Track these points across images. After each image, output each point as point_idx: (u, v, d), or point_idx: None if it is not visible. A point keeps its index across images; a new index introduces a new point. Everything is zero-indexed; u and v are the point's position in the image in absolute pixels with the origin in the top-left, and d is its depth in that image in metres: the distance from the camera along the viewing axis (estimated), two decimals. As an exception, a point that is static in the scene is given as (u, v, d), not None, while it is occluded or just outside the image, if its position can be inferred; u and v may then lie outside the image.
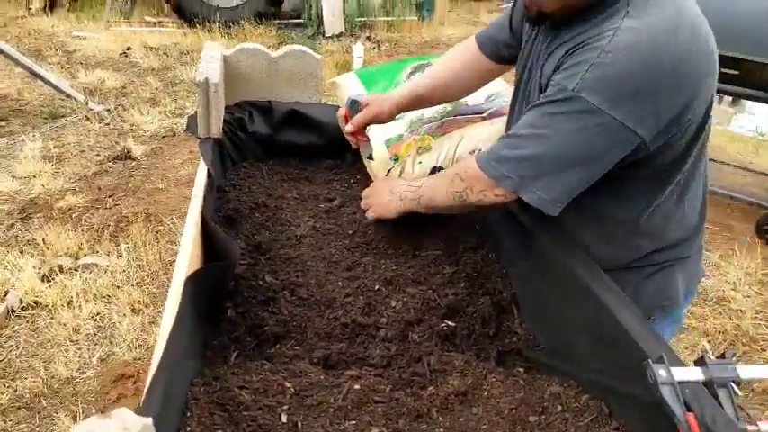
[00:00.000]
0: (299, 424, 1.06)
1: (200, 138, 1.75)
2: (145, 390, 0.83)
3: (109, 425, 0.55)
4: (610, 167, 1.19)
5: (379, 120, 1.68)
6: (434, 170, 1.65)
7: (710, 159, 1.53)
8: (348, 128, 1.71)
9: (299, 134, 1.99)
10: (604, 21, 1.16)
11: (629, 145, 1.15)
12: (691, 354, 2.81)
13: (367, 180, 1.88)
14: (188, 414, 1.01)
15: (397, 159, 1.68)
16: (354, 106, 1.70)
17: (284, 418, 1.07)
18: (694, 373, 0.96)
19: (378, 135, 1.77)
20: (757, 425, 0.95)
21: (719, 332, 3.02)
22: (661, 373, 0.94)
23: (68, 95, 5.18)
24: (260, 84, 1.97)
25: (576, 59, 1.14)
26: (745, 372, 0.96)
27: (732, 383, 0.95)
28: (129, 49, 6.78)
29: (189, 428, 0.98)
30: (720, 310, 3.22)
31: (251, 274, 1.45)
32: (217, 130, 1.74)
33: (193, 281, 1.12)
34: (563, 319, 1.28)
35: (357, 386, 1.17)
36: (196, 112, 1.78)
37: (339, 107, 2.07)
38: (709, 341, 2.96)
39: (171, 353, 0.94)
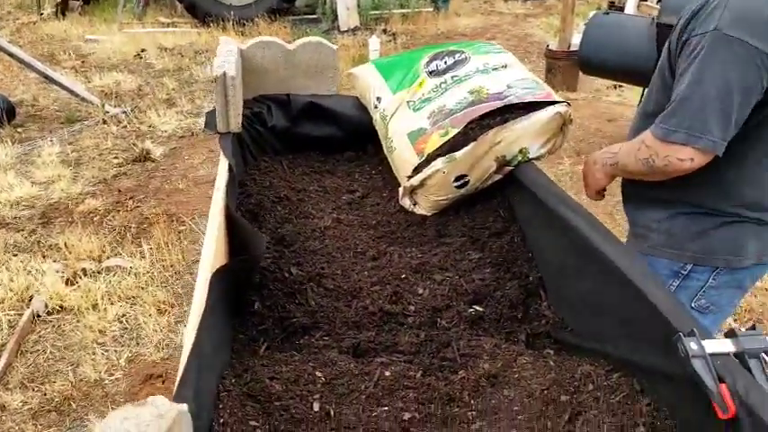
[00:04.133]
0: (332, 412, 1.07)
1: (219, 133, 1.76)
2: (176, 382, 0.84)
3: (143, 412, 0.56)
4: (760, 98, 1.27)
5: None
6: (459, 178, 1.65)
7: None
8: None
9: (318, 126, 2.00)
10: None
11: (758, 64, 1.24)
12: (717, 333, 2.77)
13: (389, 171, 1.87)
14: (220, 406, 1.02)
15: (423, 156, 1.65)
16: None
17: (316, 407, 1.08)
18: (725, 345, 0.95)
19: (399, 129, 1.76)
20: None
21: (746, 311, 2.98)
22: (692, 346, 0.93)
23: (84, 99, 5.23)
24: (277, 77, 1.97)
25: (704, 12, 1.27)
26: (776, 341, 0.96)
27: (764, 354, 0.94)
28: (143, 50, 6.82)
29: (222, 420, 0.99)
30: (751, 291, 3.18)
31: (276, 267, 1.45)
32: (236, 124, 1.75)
33: (220, 275, 1.13)
34: (591, 299, 1.27)
35: (387, 373, 1.17)
36: (214, 108, 1.79)
37: (357, 98, 2.06)
38: (735, 320, 2.92)
39: (200, 346, 0.95)
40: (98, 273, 3.02)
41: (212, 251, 1.20)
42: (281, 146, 2.00)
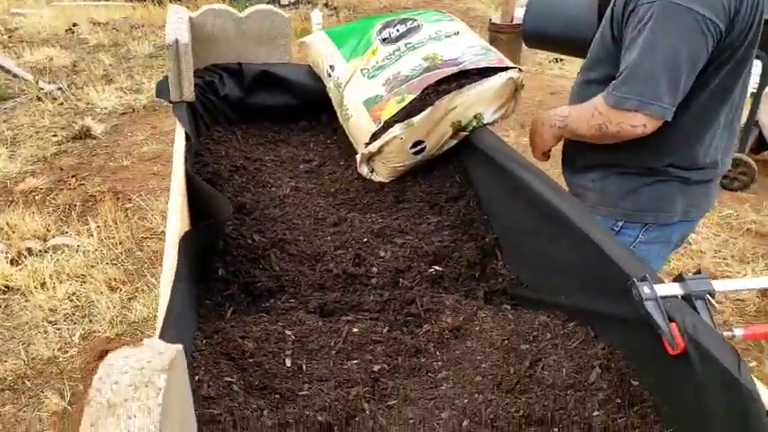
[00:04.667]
0: (304, 366, 1.10)
1: (172, 102, 1.74)
2: (156, 335, 0.85)
3: (142, 351, 0.57)
4: (705, 62, 1.32)
5: None
6: (416, 144, 1.66)
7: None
8: None
9: (272, 95, 1.99)
10: None
11: (715, 36, 1.29)
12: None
13: (344, 140, 1.88)
14: (194, 364, 1.03)
15: (380, 123, 1.68)
16: None
17: (288, 363, 1.11)
18: (674, 289, 1.03)
19: (355, 96, 1.77)
20: (732, 330, 1.03)
21: (683, 272, 3.15)
22: (645, 290, 1.00)
23: (16, 75, 5.00)
24: (228, 45, 1.95)
25: None
26: (719, 285, 1.04)
27: (708, 295, 1.02)
28: (75, 25, 6.54)
29: (197, 377, 1.00)
30: (682, 252, 3.36)
31: (238, 234, 1.46)
32: (189, 92, 1.73)
33: (188, 238, 1.13)
34: (547, 254, 1.33)
35: (355, 329, 1.21)
36: (166, 77, 1.76)
37: (310, 66, 2.06)
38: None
39: (174, 308, 0.95)
40: (44, 252, 2.94)
41: (178, 216, 1.20)
42: (235, 115, 1.98)
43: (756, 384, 0.84)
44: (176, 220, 1.20)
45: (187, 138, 1.54)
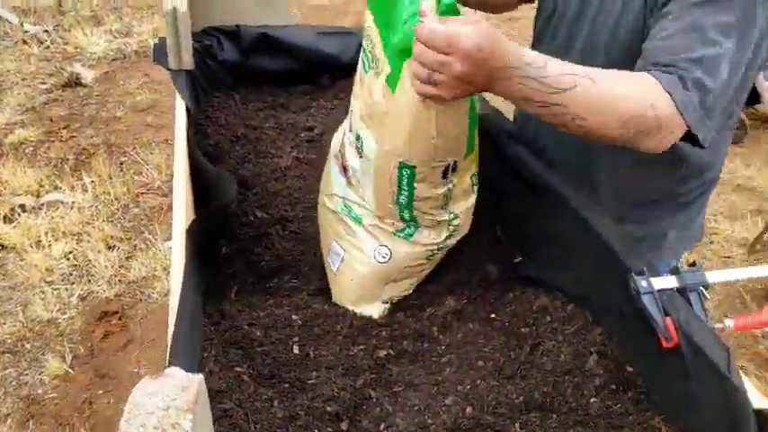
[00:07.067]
0: (311, 354, 1.13)
1: (171, 70, 1.71)
2: (168, 347, 0.87)
3: (166, 385, 0.59)
4: None
5: None
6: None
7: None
8: None
9: (272, 60, 1.95)
10: None
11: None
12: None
13: (346, 106, 1.84)
14: (204, 355, 1.06)
15: None
16: None
17: (296, 350, 1.14)
18: (670, 281, 1.06)
19: None
20: (723, 322, 1.07)
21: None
22: (642, 283, 1.03)
23: None
24: (226, 6, 1.90)
25: None
26: (712, 276, 1.07)
27: (701, 288, 1.06)
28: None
29: (207, 369, 1.03)
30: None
31: (241, 211, 1.47)
32: (189, 61, 1.69)
33: (195, 227, 1.14)
34: (549, 239, 1.35)
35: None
36: (161, 40, 1.72)
37: (314, 28, 2.00)
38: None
39: (185, 307, 0.97)
40: (38, 208, 2.94)
41: (183, 201, 1.20)
42: (233, 80, 1.95)
43: (744, 381, 0.89)
44: (181, 205, 1.20)
45: (188, 111, 1.52)
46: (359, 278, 1.26)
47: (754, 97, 4.21)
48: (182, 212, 1.16)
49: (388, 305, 1.29)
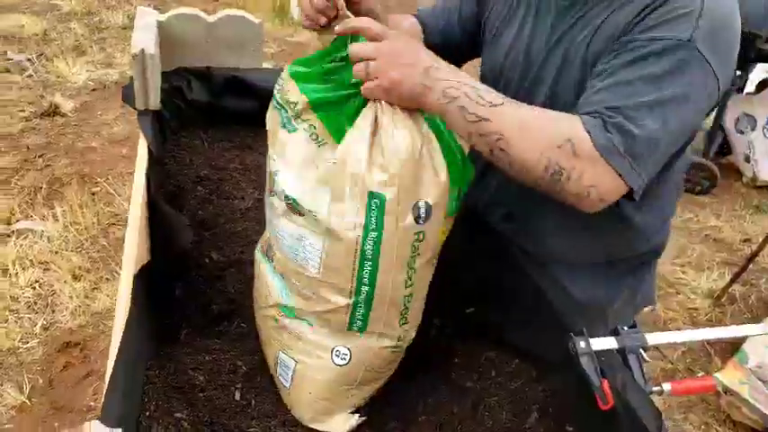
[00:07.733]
0: (252, 402, 1.13)
1: (138, 110, 1.73)
2: (104, 392, 0.86)
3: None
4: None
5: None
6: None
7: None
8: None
9: (241, 101, 1.98)
10: None
11: (713, 101, 1.06)
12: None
13: None
14: (145, 399, 1.05)
15: None
16: None
17: (238, 396, 1.14)
18: (610, 342, 1.07)
19: None
20: (661, 386, 1.09)
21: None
22: (581, 344, 1.05)
23: (-16, 44, 4.87)
24: (198, 50, 1.93)
25: (675, 10, 1.00)
26: (651, 338, 1.09)
27: (641, 350, 1.08)
28: (47, -11, 6.36)
29: (147, 414, 1.03)
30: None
31: (197, 253, 1.47)
32: (155, 101, 1.71)
33: (145, 272, 1.15)
34: (500, 295, 1.35)
35: (306, 362, 1.23)
36: (132, 81, 1.74)
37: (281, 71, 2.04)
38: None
39: (125, 351, 0.96)
40: (8, 236, 2.91)
41: (135, 243, 1.20)
42: (202, 121, 1.97)
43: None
44: (134, 247, 1.20)
45: (149, 152, 1.53)
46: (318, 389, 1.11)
47: (725, 148, 4.31)
48: (132, 254, 1.16)
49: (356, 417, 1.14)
